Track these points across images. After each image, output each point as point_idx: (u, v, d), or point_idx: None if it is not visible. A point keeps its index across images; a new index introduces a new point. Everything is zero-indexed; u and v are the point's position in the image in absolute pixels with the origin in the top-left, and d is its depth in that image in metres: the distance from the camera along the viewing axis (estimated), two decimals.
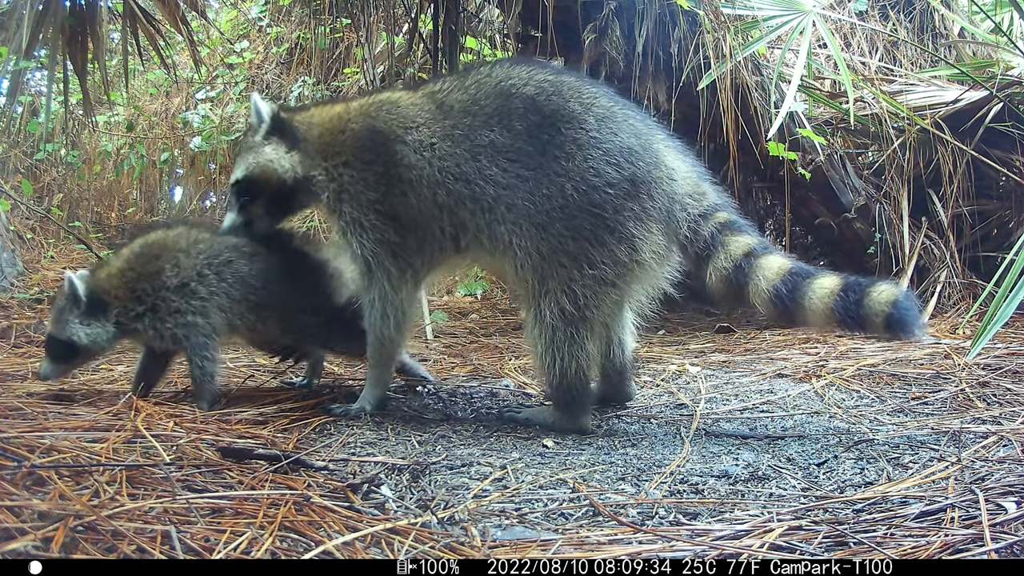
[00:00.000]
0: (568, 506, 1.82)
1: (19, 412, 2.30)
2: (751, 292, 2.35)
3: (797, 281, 2.31)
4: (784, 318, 2.41)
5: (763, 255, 2.36)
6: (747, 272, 2.35)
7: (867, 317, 2.25)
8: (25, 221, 6.28)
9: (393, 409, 2.68)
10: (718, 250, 2.39)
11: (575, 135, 2.40)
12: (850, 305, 2.25)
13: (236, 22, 7.83)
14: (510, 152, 2.42)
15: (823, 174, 4.49)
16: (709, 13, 4.12)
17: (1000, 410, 2.55)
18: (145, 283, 2.59)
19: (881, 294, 2.25)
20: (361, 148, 2.54)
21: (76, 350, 2.60)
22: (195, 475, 1.87)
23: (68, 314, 2.58)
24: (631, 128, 2.45)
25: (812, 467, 2.10)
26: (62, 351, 2.60)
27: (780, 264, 2.35)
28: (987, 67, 4.80)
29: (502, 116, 2.44)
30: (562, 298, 2.37)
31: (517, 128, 2.43)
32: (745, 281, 2.35)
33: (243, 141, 2.69)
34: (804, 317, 2.34)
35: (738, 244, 2.39)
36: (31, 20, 3.83)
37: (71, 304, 2.58)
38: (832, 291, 2.28)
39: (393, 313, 2.54)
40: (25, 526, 1.44)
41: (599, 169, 2.38)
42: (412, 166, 2.48)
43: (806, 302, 2.29)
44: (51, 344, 2.62)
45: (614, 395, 2.76)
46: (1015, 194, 4.60)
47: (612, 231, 2.36)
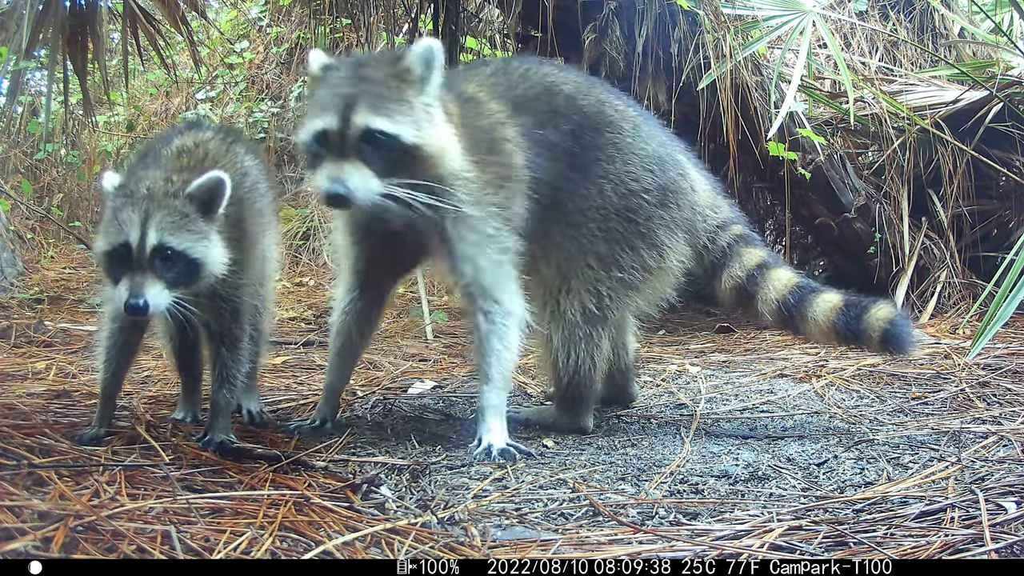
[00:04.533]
0: (568, 506, 1.82)
1: (19, 412, 2.30)
2: (760, 301, 2.48)
3: (804, 294, 2.46)
4: (787, 327, 2.56)
5: (774, 268, 2.51)
6: (758, 282, 2.48)
7: (865, 332, 2.40)
8: (25, 221, 6.28)
9: (393, 409, 2.68)
10: (732, 260, 2.52)
11: (614, 139, 2.43)
12: (851, 320, 2.40)
13: (236, 22, 7.83)
14: (557, 150, 2.37)
15: (823, 174, 4.49)
16: (709, 13, 4.12)
17: (1000, 410, 2.55)
18: None
19: (880, 311, 2.40)
20: (480, 148, 2.26)
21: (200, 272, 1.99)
22: (195, 475, 1.87)
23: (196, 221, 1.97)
24: (658, 138, 2.53)
25: (812, 467, 2.10)
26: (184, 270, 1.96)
27: (788, 277, 2.49)
28: (987, 67, 4.80)
29: (552, 114, 2.40)
30: (586, 297, 2.37)
31: (563, 128, 2.40)
32: (756, 290, 2.48)
33: (387, 83, 2.06)
34: (807, 328, 2.48)
35: (751, 256, 2.52)
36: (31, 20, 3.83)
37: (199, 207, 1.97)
38: (835, 306, 2.43)
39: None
40: (25, 526, 1.44)
41: (637, 175, 2.42)
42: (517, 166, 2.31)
43: (810, 314, 2.44)
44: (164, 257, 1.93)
45: (618, 396, 2.76)
46: (1015, 194, 4.60)
47: (643, 237, 2.41)
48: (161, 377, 2.99)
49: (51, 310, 4.26)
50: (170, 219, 1.93)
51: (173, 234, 1.92)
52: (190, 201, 1.96)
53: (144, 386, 2.86)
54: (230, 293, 2.11)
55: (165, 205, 1.93)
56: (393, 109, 2.04)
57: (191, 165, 2.11)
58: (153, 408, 2.53)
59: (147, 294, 1.88)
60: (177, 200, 1.95)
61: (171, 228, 1.92)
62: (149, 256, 1.90)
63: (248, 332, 2.20)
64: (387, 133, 2.01)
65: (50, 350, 3.42)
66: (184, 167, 2.08)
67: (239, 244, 2.11)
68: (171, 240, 1.91)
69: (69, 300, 4.59)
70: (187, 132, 2.27)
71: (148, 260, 1.90)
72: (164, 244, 1.90)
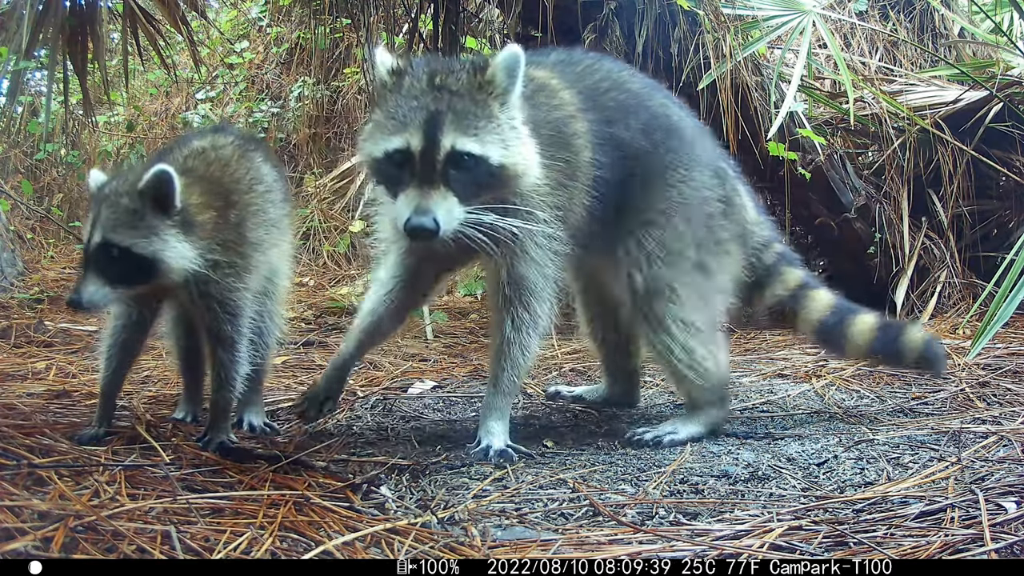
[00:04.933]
0: (568, 506, 1.82)
1: (19, 412, 2.30)
2: (801, 319, 2.60)
3: (843, 315, 2.57)
4: (826, 345, 2.72)
5: (813, 288, 2.61)
6: (800, 302, 2.59)
7: (902, 352, 2.55)
8: (25, 221, 6.28)
9: (393, 409, 2.68)
10: (775, 279, 2.60)
11: (681, 144, 2.40)
12: (888, 342, 2.54)
13: (236, 22, 7.83)
14: (629, 149, 2.31)
15: (823, 174, 4.48)
16: (709, 13, 4.11)
17: (1000, 410, 2.55)
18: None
19: (915, 335, 2.57)
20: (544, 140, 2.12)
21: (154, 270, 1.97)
22: (195, 475, 1.87)
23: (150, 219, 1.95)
24: (714, 149, 2.55)
25: (812, 467, 2.10)
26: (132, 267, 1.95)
27: (828, 298, 2.60)
28: (987, 67, 4.79)
29: (623, 111, 2.33)
30: (691, 300, 2.34)
31: (634, 126, 2.32)
32: (798, 309, 2.59)
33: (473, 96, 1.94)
34: (844, 347, 2.60)
35: (792, 276, 2.61)
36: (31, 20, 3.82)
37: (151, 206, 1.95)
38: (872, 327, 2.55)
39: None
40: (25, 526, 1.44)
41: (706, 182, 2.42)
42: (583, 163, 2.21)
43: (848, 334, 2.56)
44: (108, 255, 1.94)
45: (622, 399, 2.77)
46: (1015, 194, 4.60)
47: (720, 242, 2.43)
48: (161, 377, 2.99)
49: (51, 310, 4.25)
50: (115, 216, 1.92)
51: (116, 231, 1.91)
52: (140, 197, 1.94)
53: (144, 386, 2.86)
54: (224, 296, 2.10)
55: (112, 203, 1.93)
56: (481, 127, 1.92)
57: (193, 167, 2.13)
58: (153, 408, 2.53)
59: (84, 291, 1.90)
60: (125, 198, 1.94)
61: (114, 225, 1.91)
62: (93, 254, 1.92)
63: (246, 335, 2.18)
64: (476, 155, 1.90)
65: (50, 350, 3.42)
66: (188, 169, 2.11)
67: (236, 247, 2.11)
68: (113, 237, 1.91)
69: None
70: (206, 136, 2.29)
71: (92, 257, 1.92)
72: (107, 241, 1.91)
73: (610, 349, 2.73)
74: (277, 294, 2.41)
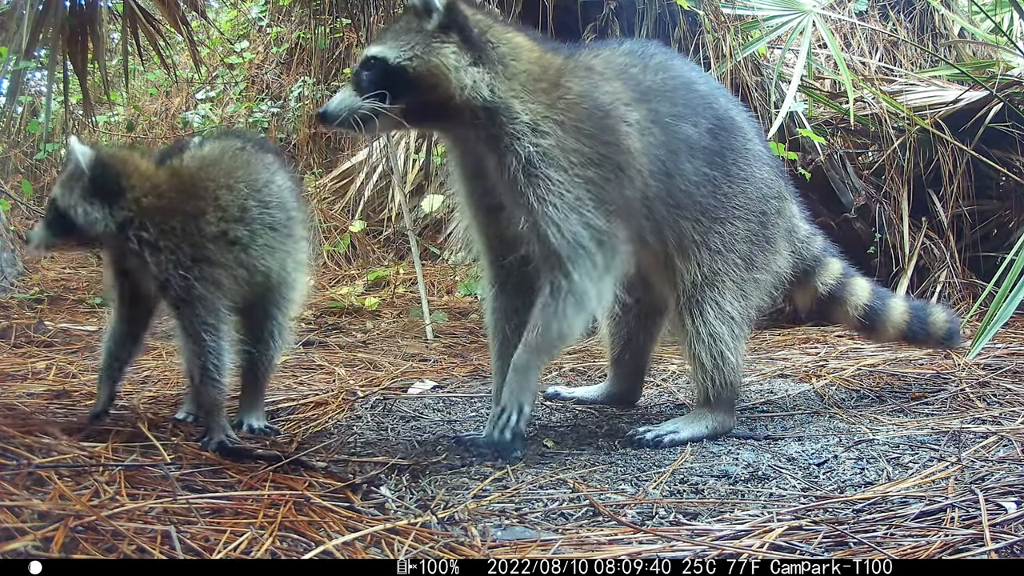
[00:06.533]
0: (568, 506, 1.82)
1: (19, 412, 2.30)
2: (850, 306, 2.73)
3: (883, 300, 2.76)
4: (864, 331, 2.86)
5: (852, 277, 2.76)
6: (847, 288, 2.73)
7: (931, 334, 2.81)
8: (25, 221, 6.27)
9: (393, 409, 2.68)
10: (819, 271, 2.70)
11: (745, 143, 2.46)
12: (921, 324, 2.78)
13: (236, 22, 7.84)
14: (697, 149, 2.33)
15: (823, 174, 4.48)
16: (709, 13, 4.12)
17: (1000, 410, 2.54)
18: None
19: (938, 315, 2.82)
20: (580, 117, 2.15)
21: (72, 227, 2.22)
22: (195, 475, 1.87)
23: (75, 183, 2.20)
24: (768, 147, 2.62)
25: (812, 467, 2.10)
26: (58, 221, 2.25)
27: (866, 284, 2.76)
28: (987, 67, 4.79)
29: (690, 109, 2.36)
30: (736, 296, 2.37)
31: (702, 125, 2.37)
32: (846, 296, 2.73)
33: (399, 19, 2.20)
34: (884, 332, 2.79)
35: (835, 265, 2.74)
36: (31, 20, 3.83)
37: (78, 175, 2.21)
38: (904, 311, 2.77)
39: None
40: (25, 526, 1.44)
41: (766, 180, 2.48)
42: (633, 152, 2.21)
43: (887, 320, 2.75)
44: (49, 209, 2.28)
45: (627, 394, 2.78)
46: (1015, 194, 4.60)
47: (770, 241, 2.48)
48: (161, 377, 2.99)
49: (51, 310, 4.26)
50: (61, 178, 2.23)
51: (55, 188, 2.23)
52: (88, 172, 2.16)
53: (144, 386, 2.86)
54: (181, 285, 2.15)
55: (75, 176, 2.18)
56: (390, 37, 2.13)
57: (169, 158, 2.29)
58: (153, 408, 2.53)
59: (32, 233, 2.27)
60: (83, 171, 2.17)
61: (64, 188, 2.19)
62: (47, 207, 2.29)
63: (213, 329, 2.17)
64: (377, 57, 2.10)
65: (50, 350, 3.42)
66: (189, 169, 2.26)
67: (189, 236, 2.16)
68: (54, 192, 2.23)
69: (69, 300, 4.58)
70: (221, 138, 2.41)
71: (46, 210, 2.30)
72: (52, 197, 2.24)
73: (623, 343, 2.73)
74: (283, 302, 2.40)
